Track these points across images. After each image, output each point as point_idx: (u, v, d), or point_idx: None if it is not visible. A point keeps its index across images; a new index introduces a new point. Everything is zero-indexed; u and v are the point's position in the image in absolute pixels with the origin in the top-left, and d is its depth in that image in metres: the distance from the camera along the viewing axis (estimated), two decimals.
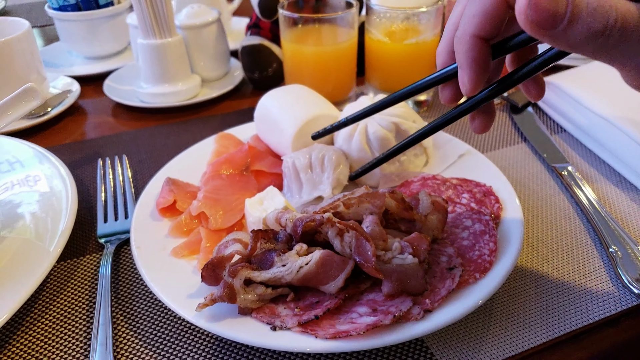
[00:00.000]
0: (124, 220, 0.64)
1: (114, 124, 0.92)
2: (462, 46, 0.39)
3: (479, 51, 0.39)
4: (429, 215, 0.53)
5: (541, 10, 0.31)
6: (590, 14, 0.30)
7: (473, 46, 0.38)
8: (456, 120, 0.46)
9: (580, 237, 0.60)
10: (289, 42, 0.86)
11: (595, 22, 0.30)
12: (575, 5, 0.31)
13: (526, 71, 0.41)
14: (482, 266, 0.49)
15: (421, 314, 0.44)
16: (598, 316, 0.50)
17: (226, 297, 0.45)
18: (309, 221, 0.48)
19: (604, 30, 0.31)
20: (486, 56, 0.39)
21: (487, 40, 0.39)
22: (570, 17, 0.31)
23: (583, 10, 0.31)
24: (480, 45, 0.38)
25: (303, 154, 0.63)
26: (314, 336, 0.43)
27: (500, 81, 0.42)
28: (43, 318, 0.52)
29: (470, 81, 0.40)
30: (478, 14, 0.37)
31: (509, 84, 0.42)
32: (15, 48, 0.86)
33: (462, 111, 0.45)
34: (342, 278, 0.46)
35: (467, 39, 0.38)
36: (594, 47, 0.32)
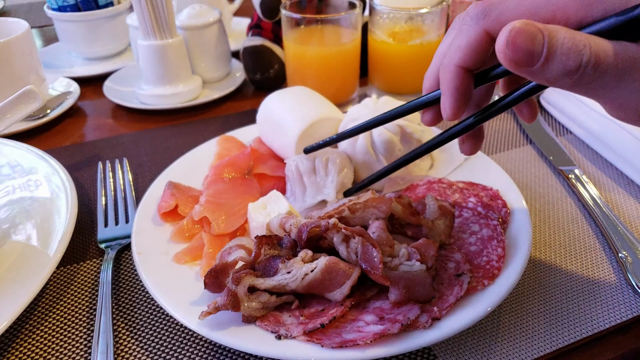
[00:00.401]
0: (125, 225, 0.63)
1: (114, 126, 0.91)
2: (446, 75, 0.41)
3: (461, 81, 0.40)
4: (435, 220, 0.52)
5: (518, 50, 0.33)
6: (565, 54, 0.32)
7: (456, 75, 0.40)
8: (445, 143, 0.50)
9: (588, 242, 0.59)
10: (292, 42, 0.85)
11: (570, 60, 0.32)
12: (551, 46, 0.33)
13: (513, 98, 0.43)
14: (491, 272, 0.48)
15: (429, 322, 0.43)
16: (608, 323, 0.49)
17: (230, 305, 0.44)
18: (314, 227, 0.47)
19: (578, 68, 0.32)
20: (468, 85, 0.41)
21: (470, 70, 0.40)
22: (545, 56, 0.33)
23: (558, 50, 0.33)
24: (463, 75, 0.40)
25: (307, 157, 0.62)
26: (319, 345, 0.42)
27: (486, 108, 0.45)
28: (43, 325, 0.51)
29: (451, 108, 0.41)
30: (463, 47, 0.39)
31: (496, 110, 0.44)
32: (14, 49, 0.85)
33: (452, 135, 0.48)
34: (348, 285, 0.45)
35: (451, 69, 0.40)
36: (570, 82, 0.34)
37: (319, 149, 0.61)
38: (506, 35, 0.33)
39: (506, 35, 0.33)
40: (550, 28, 0.33)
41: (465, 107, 0.42)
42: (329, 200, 0.60)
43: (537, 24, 0.33)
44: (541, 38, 0.33)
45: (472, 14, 0.38)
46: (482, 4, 0.38)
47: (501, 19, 0.37)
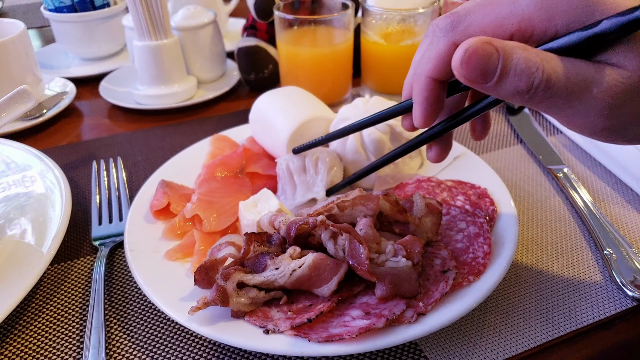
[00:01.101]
0: (119, 223, 0.64)
1: (109, 126, 0.91)
2: (417, 85, 0.41)
3: (431, 91, 0.41)
4: (423, 217, 0.53)
5: (472, 69, 0.34)
6: (517, 75, 0.33)
7: (426, 86, 0.41)
8: (413, 150, 0.51)
9: (575, 240, 0.59)
10: (285, 43, 0.86)
11: (521, 82, 0.33)
12: (504, 66, 0.33)
13: (478, 108, 0.43)
14: (476, 269, 0.49)
15: (414, 317, 0.44)
16: (592, 319, 0.50)
17: (219, 301, 0.45)
18: (303, 224, 0.48)
19: (529, 89, 0.33)
20: (438, 95, 0.41)
21: (441, 81, 0.41)
22: (498, 76, 0.34)
23: (511, 71, 0.33)
24: (432, 85, 0.41)
25: (297, 156, 0.63)
26: (306, 340, 0.43)
27: (451, 117, 0.45)
28: (36, 321, 0.52)
29: (421, 116, 0.42)
30: (432, 58, 0.40)
31: (459, 120, 0.45)
32: (10, 50, 0.86)
33: (419, 142, 0.49)
34: (335, 281, 0.46)
35: (422, 79, 0.41)
36: (521, 100, 0.35)
37: (308, 149, 0.62)
38: (461, 54, 0.34)
39: (461, 54, 0.34)
40: (507, 47, 0.34)
41: (436, 115, 0.42)
42: (318, 199, 0.61)
43: (494, 42, 0.34)
44: (496, 58, 0.33)
45: (441, 26, 0.39)
46: (450, 17, 0.38)
47: (468, 31, 0.37)
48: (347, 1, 0.85)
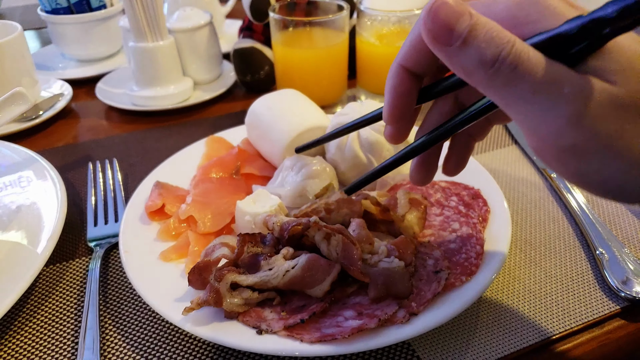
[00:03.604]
0: (114, 224, 0.64)
1: (106, 127, 0.92)
2: (389, 73, 0.40)
3: (400, 80, 0.39)
4: (407, 214, 0.54)
5: (438, 22, 0.31)
6: (485, 41, 0.30)
7: (396, 74, 0.39)
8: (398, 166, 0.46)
9: (568, 240, 0.60)
10: (280, 45, 0.86)
11: (488, 49, 0.30)
12: (474, 28, 0.30)
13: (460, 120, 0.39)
14: (469, 269, 0.49)
15: (407, 317, 0.45)
16: (585, 319, 0.50)
17: (212, 301, 0.45)
18: (296, 225, 0.49)
19: (495, 61, 0.30)
20: (407, 87, 0.39)
21: (412, 73, 0.39)
22: (465, 37, 0.31)
23: (480, 35, 0.30)
24: (403, 75, 0.39)
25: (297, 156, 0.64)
26: (299, 340, 0.44)
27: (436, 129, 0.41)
28: (31, 322, 0.52)
29: (387, 108, 0.40)
30: (406, 45, 0.38)
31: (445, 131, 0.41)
32: (6, 52, 0.86)
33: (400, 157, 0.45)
34: (328, 282, 0.46)
35: (393, 67, 0.39)
36: (485, 77, 0.31)
37: (310, 148, 0.62)
38: (432, 3, 0.31)
39: (432, 3, 0.31)
40: (481, 16, 0.31)
41: (402, 112, 0.40)
42: (281, 196, 0.61)
43: (469, 8, 0.31)
44: (467, 18, 0.31)
45: (421, 15, 0.35)
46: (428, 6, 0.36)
47: None
48: (342, 3, 0.85)
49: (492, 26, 0.31)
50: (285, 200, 0.60)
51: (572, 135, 0.30)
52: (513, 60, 0.30)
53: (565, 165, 0.32)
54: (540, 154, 0.33)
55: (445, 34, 0.31)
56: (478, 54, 0.30)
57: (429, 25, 0.32)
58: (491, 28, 0.30)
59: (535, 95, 0.30)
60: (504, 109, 0.32)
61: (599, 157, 0.30)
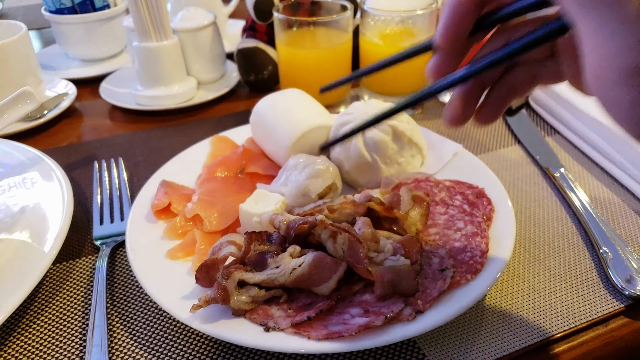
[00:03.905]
0: (120, 223, 0.64)
1: (110, 127, 0.92)
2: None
3: (462, 3, 0.36)
4: (410, 211, 0.54)
5: None
6: None
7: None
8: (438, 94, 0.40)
9: (571, 239, 0.60)
10: (284, 45, 0.86)
11: None
12: None
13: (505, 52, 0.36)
14: (474, 267, 0.50)
15: (412, 315, 0.45)
16: (588, 317, 0.50)
17: (220, 299, 0.46)
18: (302, 223, 0.49)
19: None
20: (467, 6, 0.36)
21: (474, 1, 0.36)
22: None
23: None
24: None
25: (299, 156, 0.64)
26: (306, 337, 0.44)
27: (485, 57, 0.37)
28: (39, 320, 0.53)
29: (442, 25, 0.37)
30: None
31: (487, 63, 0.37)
32: (11, 51, 0.86)
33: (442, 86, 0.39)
34: (334, 280, 0.46)
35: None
36: None
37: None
38: None
39: None
40: None
41: (457, 33, 0.37)
42: (284, 194, 0.61)
43: None
44: None
45: None
46: None
47: None
48: (346, 3, 0.85)
49: None
50: (288, 199, 0.61)
51: (631, 53, 0.27)
52: None
53: (624, 90, 0.28)
54: (600, 76, 0.29)
55: None
56: None
57: None
58: None
59: (619, 3, 0.27)
60: (575, 18, 0.29)
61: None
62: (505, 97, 0.43)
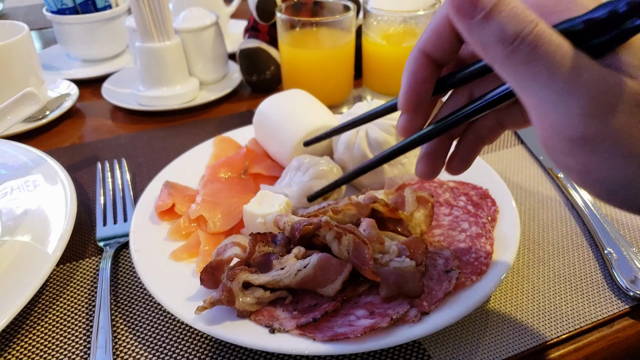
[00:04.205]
0: (123, 224, 0.64)
1: (112, 127, 0.92)
2: (408, 58, 0.39)
3: (420, 66, 0.39)
4: (414, 212, 0.54)
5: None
6: (508, 17, 0.30)
7: (415, 59, 0.39)
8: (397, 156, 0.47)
9: (575, 240, 0.60)
10: (287, 45, 0.86)
11: (510, 25, 0.30)
12: (498, 3, 0.30)
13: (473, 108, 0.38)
14: (479, 269, 0.50)
15: (418, 317, 0.45)
16: (594, 318, 0.50)
17: (225, 300, 0.46)
18: (307, 225, 0.49)
19: (515, 38, 0.29)
20: (426, 74, 0.39)
21: (432, 60, 0.38)
22: (488, 11, 0.30)
23: (504, 11, 0.30)
24: (423, 60, 0.38)
25: (302, 157, 0.64)
26: (312, 339, 0.44)
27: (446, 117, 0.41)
28: (43, 321, 0.53)
29: (404, 93, 0.40)
30: (428, 30, 0.37)
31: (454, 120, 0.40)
32: (13, 52, 0.86)
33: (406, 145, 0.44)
34: (339, 281, 0.46)
35: (414, 52, 0.39)
36: (502, 54, 0.30)
37: (318, 141, 0.62)
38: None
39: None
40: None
41: (418, 99, 0.39)
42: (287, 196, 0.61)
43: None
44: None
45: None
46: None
47: None
48: (349, 3, 0.85)
49: (517, 4, 0.30)
50: (293, 200, 0.61)
51: (583, 126, 0.29)
52: (534, 39, 0.29)
53: (571, 158, 0.31)
54: (548, 145, 0.32)
55: (469, 6, 0.31)
56: (499, 29, 0.30)
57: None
58: (516, 6, 0.30)
59: (551, 78, 0.29)
60: (517, 92, 0.32)
61: (608, 153, 0.29)
62: (474, 147, 0.45)
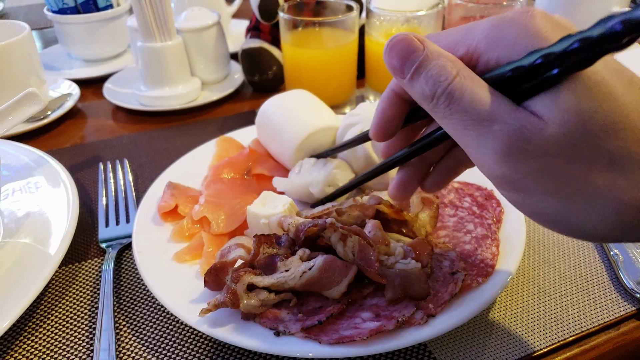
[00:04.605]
0: (126, 225, 0.64)
1: (113, 127, 0.92)
2: (382, 95, 0.42)
3: (390, 104, 0.41)
4: (419, 213, 0.54)
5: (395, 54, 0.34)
6: (427, 78, 0.33)
7: (386, 97, 0.41)
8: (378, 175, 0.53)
9: (581, 241, 0.60)
10: (290, 45, 0.86)
11: (427, 85, 0.33)
12: (420, 65, 0.33)
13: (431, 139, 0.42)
14: (485, 270, 0.49)
15: (424, 319, 0.44)
16: (600, 320, 0.50)
17: (229, 303, 0.45)
18: (312, 226, 0.48)
19: (433, 96, 0.33)
20: (396, 110, 0.42)
21: (402, 98, 0.41)
22: (412, 73, 0.33)
23: (423, 72, 0.33)
24: (393, 98, 0.41)
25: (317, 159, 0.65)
26: (317, 341, 0.43)
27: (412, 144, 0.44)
28: (45, 323, 0.52)
29: (373, 125, 0.43)
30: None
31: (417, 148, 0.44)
32: (14, 51, 0.86)
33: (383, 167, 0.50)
34: (345, 283, 0.46)
35: (386, 91, 0.42)
36: (429, 109, 0.34)
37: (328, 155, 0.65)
38: (392, 38, 0.34)
39: (392, 38, 0.34)
40: (434, 51, 0.33)
41: (387, 132, 0.43)
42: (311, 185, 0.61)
43: (426, 43, 0.33)
44: (419, 55, 0.33)
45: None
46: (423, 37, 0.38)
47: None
48: (351, 3, 0.85)
49: (439, 63, 0.33)
50: (315, 188, 0.61)
51: (500, 168, 0.32)
52: (446, 97, 0.32)
53: (505, 192, 0.34)
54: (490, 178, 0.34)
55: (399, 66, 0.34)
56: (421, 89, 0.33)
57: (386, 59, 0.35)
58: (436, 64, 0.33)
59: (466, 130, 0.32)
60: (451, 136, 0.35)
61: (530, 190, 0.32)
62: (451, 170, 0.46)
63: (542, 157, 0.30)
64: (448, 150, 0.46)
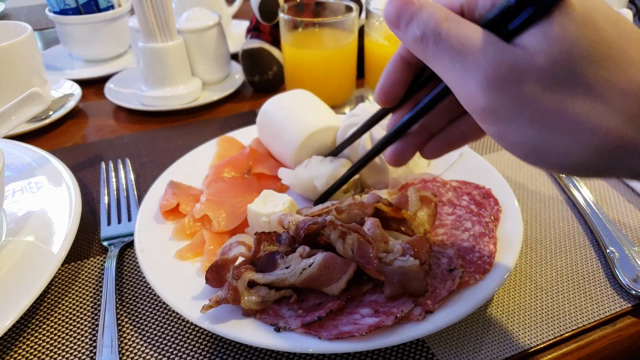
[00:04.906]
0: (128, 223, 0.65)
1: (115, 127, 0.92)
2: (389, 60, 0.44)
3: (395, 67, 0.44)
4: (418, 211, 0.54)
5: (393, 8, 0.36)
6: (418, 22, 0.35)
7: (393, 61, 0.44)
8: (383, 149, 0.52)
9: (578, 239, 0.60)
10: (290, 45, 0.87)
11: (419, 28, 0.35)
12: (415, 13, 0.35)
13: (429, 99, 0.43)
14: (482, 268, 0.50)
15: (422, 315, 0.45)
16: (597, 316, 0.51)
17: (231, 299, 0.46)
18: (312, 224, 0.49)
19: (422, 36, 0.35)
20: (401, 74, 0.44)
21: (408, 62, 0.43)
22: (407, 21, 0.36)
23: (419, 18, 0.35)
24: (399, 62, 0.43)
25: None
26: (317, 337, 0.44)
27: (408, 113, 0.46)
28: (48, 320, 0.53)
29: (377, 89, 0.45)
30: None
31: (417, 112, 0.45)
32: (17, 52, 0.86)
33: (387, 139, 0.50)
34: (344, 280, 0.47)
35: (394, 55, 0.44)
36: (420, 52, 0.36)
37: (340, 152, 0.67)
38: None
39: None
40: (425, 4, 0.35)
41: (393, 95, 0.45)
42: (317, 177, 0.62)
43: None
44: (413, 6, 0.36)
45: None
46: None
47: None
48: (351, 3, 0.86)
49: (430, 9, 0.35)
50: (320, 181, 0.62)
51: (484, 99, 0.33)
52: (435, 36, 0.34)
53: (486, 125, 0.35)
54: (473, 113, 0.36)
55: (396, 18, 0.36)
56: (413, 34, 0.36)
57: (385, 12, 0.37)
58: (428, 10, 0.35)
59: (452, 63, 0.34)
60: (440, 77, 0.36)
61: (511, 120, 0.33)
62: (454, 140, 0.47)
63: (522, 83, 0.31)
64: (451, 121, 0.47)
